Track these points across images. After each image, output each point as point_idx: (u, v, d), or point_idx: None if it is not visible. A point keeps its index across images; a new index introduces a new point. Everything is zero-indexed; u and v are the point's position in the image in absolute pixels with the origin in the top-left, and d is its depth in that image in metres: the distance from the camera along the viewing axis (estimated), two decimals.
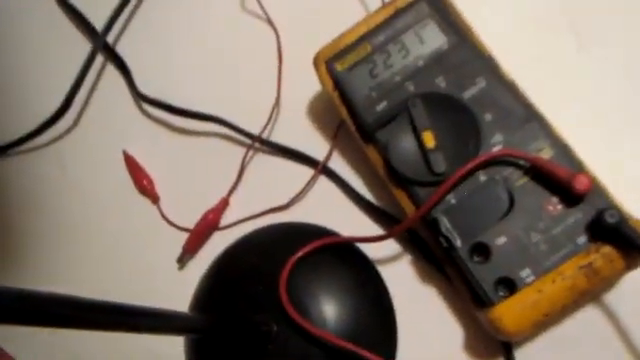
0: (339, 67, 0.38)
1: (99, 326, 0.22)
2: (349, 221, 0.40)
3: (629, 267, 0.31)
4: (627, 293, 0.34)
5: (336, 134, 0.43)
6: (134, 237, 0.46)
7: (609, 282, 0.31)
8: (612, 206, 0.30)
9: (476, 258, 0.33)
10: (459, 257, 0.33)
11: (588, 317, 0.34)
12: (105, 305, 0.23)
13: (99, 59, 0.52)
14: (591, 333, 0.34)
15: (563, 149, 0.33)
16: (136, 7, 0.53)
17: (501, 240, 0.32)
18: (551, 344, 0.35)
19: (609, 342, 0.34)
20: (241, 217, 0.43)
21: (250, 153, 0.44)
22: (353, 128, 0.38)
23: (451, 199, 0.34)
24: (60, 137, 0.51)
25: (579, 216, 0.31)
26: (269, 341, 0.36)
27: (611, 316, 0.34)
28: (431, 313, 0.37)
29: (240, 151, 0.45)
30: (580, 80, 0.39)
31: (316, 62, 0.39)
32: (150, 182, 0.46)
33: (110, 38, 0.52)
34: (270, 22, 0.48)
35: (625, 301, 0.34)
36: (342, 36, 0.39)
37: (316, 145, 0.43)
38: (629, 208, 0.31)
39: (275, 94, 0.45)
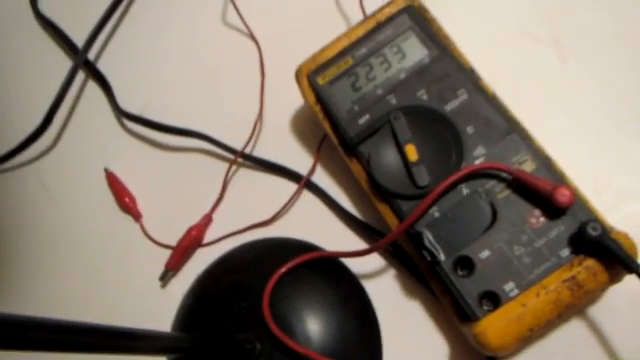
0: (321, 81, 0.38)
1: (78, 349, 0.21)
2: (333, 235, 0.40)
3: (612, 280, 0.30)
4: (612, 307, 0.34)
5: (319, 148, 0.42)
6: (116, 255, 0.45)
7: (593, 295, 0.31)
8: (594, 219, 0.30)
9: (460, 272, 0.32)
10: (443, 271, 0.32)
11: (573, 331, 0.34)
12: (85, 327, 0.22)
13: (80, 76, 0.51)
14: (576, 347, 0.34)
15: (545, 161, 0.33)
16: (117, 24, 0.53)
17: (485, 254, 0.32)
18: (536, 358, 0.34)
19: (594, 355, 0.33)
20: (224, 233, 0.43)
21: (233, 168, 0.44)
22: (336, 142, 0.38)
23: (434, 212, 0.33)
24: (41, 155, 0.50)
25: (562, 229, 0.31)
26: (253, 358, 0.35)
27: (596, 330, 0.34)
28: (415, 327, 0.37)
29: (223, 166, 0.44)
30: (562, 92, 0.39)
31: (298, 76, 0.39)
32: (132, 200, 0.46)
33: (91, 55, 0.51)
34: (252, 36, 0.47)
35: (610, 315, 0.34)
36: (323, 50, 0.39)
37: (299, 159, 0.43)
38: (611, 220, 0.31)
39: (258, 109, 0.44)
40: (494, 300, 0.31)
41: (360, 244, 0.40)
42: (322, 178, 0.42)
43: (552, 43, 0.40)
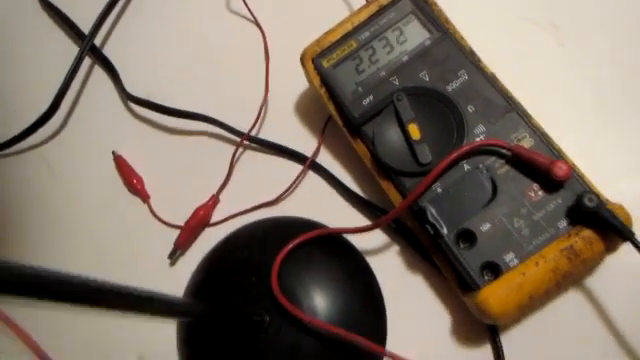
0: (325, 64, 0.39)
1: (102, 304, 0.22)
2: (338, 214, 0.41)
3: (609, 249, 0.32)
4: (608, 277, 0.35)
5: (324, 130, 0.44)
6: (125, 235, 0.46)
7: (590, 264, 0.33)
8: (591, 191, 0.32)
9: (462, 245, 0.34)
10: (446, 244, 0.34)
11: (571, 301, 0.36)
12: (109, 285, 0.23)
13: (86, 62, 0.52)
14: (574, 317, 0.35)
15: (543, 138, 0.34)
16: (123, 9, 0.54)
17: (486, 226, 0.33)
18: (535, 328, 0.36)
19: (592, 325, 0.35)
20: (231, 213, 0.44)
21: (239, 151, 0.45)
22: (341, 123, 0.39)
23: (437, 188, 0.35)
24: (48, 139, 0.51)
25: (559, 202, 0.33)
26: (261, 331, 0.37)
27: (593, 300, 0.35)
28: (419, 301, 0.38)
29: (229, 149, 0.45)
30: (560, 74, 0.41)
31: (303, 59, 0.40)
32: (140, 181, 0.47)
33: (97, 41, 0.52)
34: (256, 22, 0.49)
35: (607, 285, 0.35)
36: (328, 33, 0.40)
37: (304, 141, 0.44)
38: (607, 194, 0.33)
39: (263, 92, 0.46)
40: (495, 270, 0.33)
41: (364, 222, 0.41)
42: (327, 159, 0.43)
43: (549, 26, 0.42)
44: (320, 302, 0.37)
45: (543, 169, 0.32)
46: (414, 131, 0.36)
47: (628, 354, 0.34)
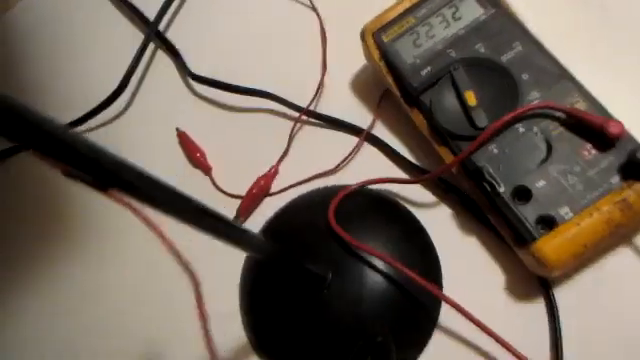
0: (385, 38, 0.42)
1: (193, 221, 0.25)
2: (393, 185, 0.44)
3: None
4: None
5: (379, 104, 0.46)
6: None
7: None
8: None
9: (518, 201, 0.36)
10: (502, 200, 0.36)
11: (621, 258, 0.37)
12: (199, 204, 0.26)
13: (150, 47, 0.56)
14: (624, 273, 0.37)
15: (594, 102, 0.36)
16: None
17: (541, 183, 0.35)
18: (586, 284, 0.38)
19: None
20: (290, 184, 0.46)
21: (298, 125, 0.48)
22: (398, 94, 0.42)
23: (493, 149, 0.37)
24: (115, 118, 0.55)
25: (612, 159, 0.35)
26: (324, 287, 0.39)
27: None
28: (472, 260, 0.40)
29: (288, 124, 0.48)
30: (607, 44, 0.43)
31: (364, 35, 0.43)
32: (202, 154, 0.50)
33: (161, 27, 0.56)
34: (312, 5, 0.52)
35: None
36: (387, 11, 0.43)
37: (360, 116, 0.47)
38: None
39: (320, 70, 0.48)
40: (550, 224, 0.35)
41: (419, 190, 0.43)
42: (382, 132, 0.46)
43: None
44: (378, 261, 0.39)
45: (597, 127, 0.34)
46: (470, 98, 0.38)
47: None
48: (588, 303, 0.37)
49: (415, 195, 0.43)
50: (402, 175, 0.44)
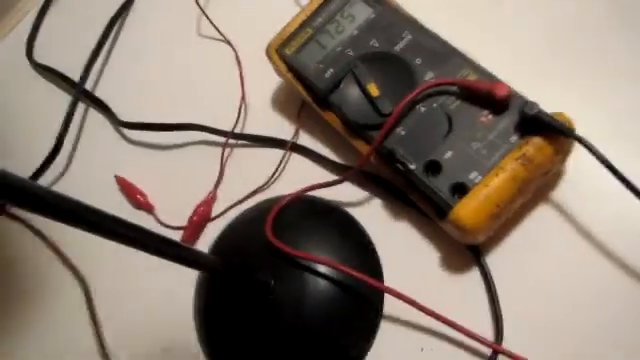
0: (288, 51, 0.45)
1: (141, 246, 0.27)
2: None
3: (558, 152, 0.36)
4: (569, 190, 0.39)
5: (299, 114, 0.48)
6: None
7: (545, 169, 0.36)
8: (530, 101, 0.36)
9: (431, 175, 0.37)
10: (416, 177, 0.38)
11: (542, 214, 0.39)
12: (148, 232, 0.29)
13: (80, 106, 0.58)
14: (548, 229, 0.39)
15: (483, 72, 0.39)
16: (108, 54, 0.60)
17: (448, 154, 0.37)
18: (514, 248, 0.39)
19: (564, 235, 0.38)
20: (228, 205, 0.48)
21: (228, 150, 0.50)
22: (311, 100, 0.44)
23: (401, 131, 0.39)
24: (56, 180, 0.56)
25: (507, 120, 0.37)
26: (269, 292, 0.40)
27: (562, 212, 0.39)
28: (406, 244, 0.41)
29: (218, 150, 0.50)
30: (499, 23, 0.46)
31: (268, 51, 0.45)
32: (143, 195, 0.51)
33: (88, 85, 0.58)
34: (224, 37, 0.55)
35: (569, 197, 0.39)
36: (286, 26, 0.45)
37: (283, 129, 0.49)
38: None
39: (240, 95, 0.51)
40: (463, 190, 0.36)
41: (348, 187, 0.45)
42: (306, 140, 0.48)
43: None
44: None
45: (486, 92, 0.37)
46: (373, 89, 0.41)
47: (607, 257, 0.37)
48: (519, 263, 0.39)
49: (346, 193, 0.45)
50: (332, 176, 0.46)
